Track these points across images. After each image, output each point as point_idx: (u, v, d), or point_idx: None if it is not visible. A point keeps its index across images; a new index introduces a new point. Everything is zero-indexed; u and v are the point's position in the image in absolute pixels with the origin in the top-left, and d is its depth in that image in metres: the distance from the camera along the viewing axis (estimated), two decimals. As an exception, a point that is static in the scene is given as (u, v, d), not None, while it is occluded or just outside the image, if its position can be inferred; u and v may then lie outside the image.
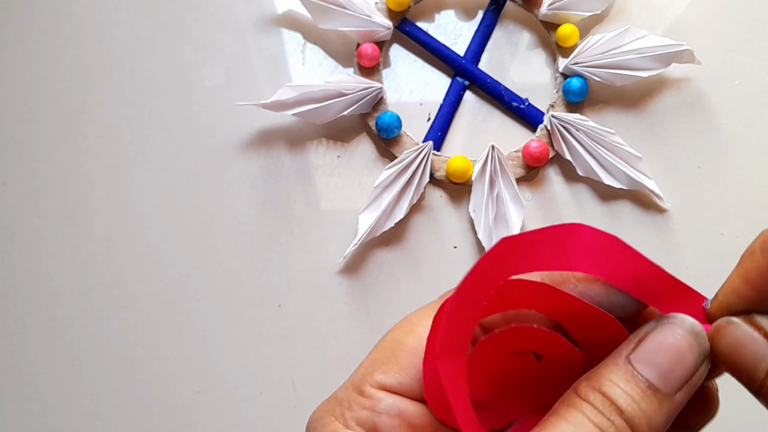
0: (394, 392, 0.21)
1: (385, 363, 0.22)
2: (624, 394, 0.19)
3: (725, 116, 0.43)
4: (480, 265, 0.19)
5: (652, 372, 0.19)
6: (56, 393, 0.41)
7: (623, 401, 0.19)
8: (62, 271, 0.42)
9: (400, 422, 0.21)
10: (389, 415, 0.21)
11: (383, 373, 0.21)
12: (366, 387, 0.21)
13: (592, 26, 0.44)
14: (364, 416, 0.21)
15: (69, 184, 0.43)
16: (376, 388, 0.21)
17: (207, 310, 0.41)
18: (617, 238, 0.20)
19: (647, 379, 0.19)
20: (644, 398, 0.19)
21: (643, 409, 0.19)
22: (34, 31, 0.44)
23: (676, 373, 0.19)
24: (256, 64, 0.43)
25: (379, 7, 0.43)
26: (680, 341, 0.20)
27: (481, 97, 0.43)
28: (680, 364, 0.19)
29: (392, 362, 0.21)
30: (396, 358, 0.21)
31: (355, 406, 0.21)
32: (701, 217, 0.42)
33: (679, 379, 0.19)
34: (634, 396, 0.19)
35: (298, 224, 0.42)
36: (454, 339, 0.19)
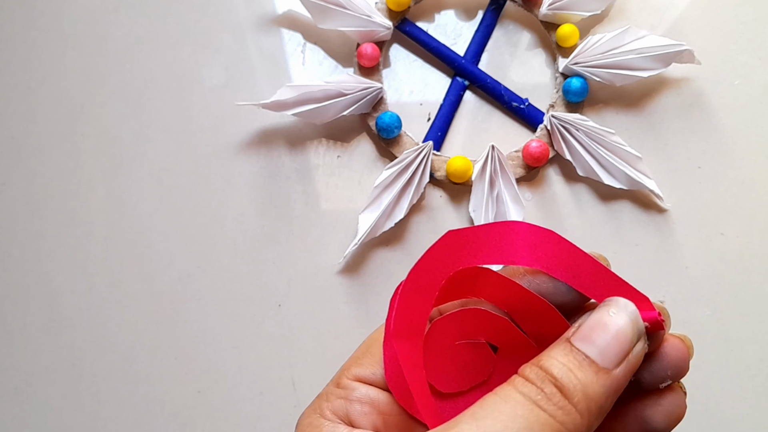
0: (368, 383, 0.23)
1: (361, 357, 0.24)
2: (560, 364, 0.20)
3: (725, 116, 0.43)
4: (428, 254, 0.21)
5: (589, 347, 0.20)
6: (56, 393, 0.41)
7: (558, 370, 0.19)
8: (62, 271, 0.42)
9: (370, 409, 0.22)
10: (361, 402, 0.22)
11: (358, 366, 0.23)
12: (342, 379, 0.23)
13: (592, 26, 0.44)
14: (338, 405, 0.23)
15: (69, 184, 0.43)
16: (351, 380, 0.23)
17: (207, 310, 0.41)
18: (553, 233, 0.22)
19: (585, 353, 0.20)
20: (580, 368, 0.20)
21: (579, 378, 0.19)
22: (34, 31, 0.44)
23: (613, 348, 0.20)
24: (256, 64, 0.43)
25: (379, 7, 0.43)
26: (615, 318, 0.20)
27: (481, 97, 0.43)
28: (616, 340, 0.20)
29: (367, 356, 0.24)
30: (370, 352, 0.24)
31: (331, 396, 0.23)
32: (701, 217, 0.42)
33: (616, 354, 0.20)
34: (570, 366, 0.20)
35: (298, 224, 0.42)
36: (409, 321, 0.21)
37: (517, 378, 0.20)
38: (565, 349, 0.20)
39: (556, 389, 0.19)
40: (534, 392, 0.19)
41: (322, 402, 0.23)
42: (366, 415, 0.22)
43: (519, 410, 0.19)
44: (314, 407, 0.23)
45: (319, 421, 0.22)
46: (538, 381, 0.19)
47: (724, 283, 0.41)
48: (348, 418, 0.22)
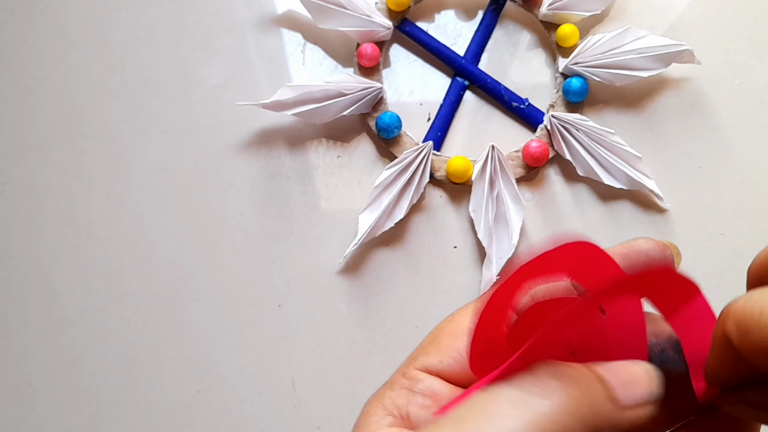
0: (434, 372, 0.23)
1: (427, 347, 0.23)
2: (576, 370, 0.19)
3: (725, 116, 0.43)
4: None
5: (608, 374, 0.20)
6: (56, 393, 0.41)
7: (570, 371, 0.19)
8: (62, 271, 0.42)
9: (432, 403, 0.22)
10: (423, 395, 0.22)
11: (425, 355, 0.23)
12: (409, 369, 0.23)
13: (592, 26, 0.44)
14: (401, 395, 0.23)
15: (69, 184, 0.43)
16: (418, 369, 0.23)
17: (207, 310, 0.41)
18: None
19: (602, 376, 0.19)
20: (593, 382, 0.19)
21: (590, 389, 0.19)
22: (34, 31, 0.44)
23: (630, 388, 0.19)
24: (256, 64, 0.43)
25: (379, 7, 0.43)
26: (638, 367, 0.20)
27: (481, 97, 0.43)
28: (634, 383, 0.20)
29: (433, 345, 0.23)
30: (437, 341, 0.23)
31: (395, 385, 0.23)
32: (701, 217, 0.42)
33: (633, 395, 0.19)
34: (585, 377, 0.19)
35: (298, 224, 0.42)
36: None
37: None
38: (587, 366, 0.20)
39: (556, 383, 0.19)
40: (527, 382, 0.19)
41: (386, 390, 0.23)
42: (427, 408, 0.22)
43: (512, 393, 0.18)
44: (378, 396, 0.23)
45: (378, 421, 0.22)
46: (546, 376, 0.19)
47: (724, 283, 0.41)
48: (407, 410, 0.22)
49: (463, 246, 0.42)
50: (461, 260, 0.42)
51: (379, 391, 0.23)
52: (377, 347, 0.41)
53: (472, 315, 0.23)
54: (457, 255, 0.42)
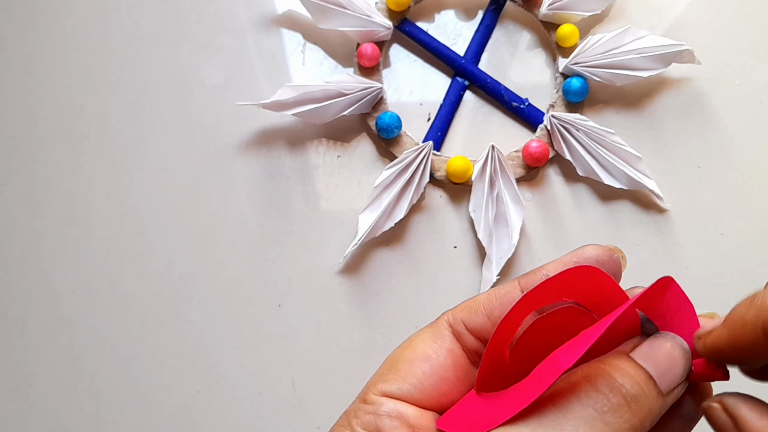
0: (394, 398, 0.23)
1: (386, 374, 0.24)
2: (629, 375, 0.20)
3: (725, 116, 0.43)
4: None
5: (653, 368, 0.20)
6: (56, 393, 0.41)
7: (628, 381, 0.20)
8: (62, 271, 0.42)
9: (400, 423, 0.22)
10: (390, 416, 0.22)
11: (384, 382, 0.23)
12: (369, 395, 0.23)
13: (592, 26, 0.44)
14: (368, 420, 0.23)
15: (69, 184, 0.43)
16: (378, 395, 0.23)
17: (207, 310, 0.41)
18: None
19: (648, 371, 0.20)
20: (647, 384, 0.20)
21: (646, 394, 0.20)
22: (34, 31, 0.44)
23: (669, 375, 0.20)
24: (256, 64, 0.43)
25: (379, 7, 0.43)
26: (675, 349, 0.21)
27: (481, 97, 0.43)
28: (673, 369, 0.20)
29: (392, 372, 0.24)
30: (395, 368, 0.24)
31: (359, 413, 0.23)
32: (701, 217, 0.42)
33: (672, 381, 0.20)
34: (639, 380, 0.20)
35: (298, 224, 0.42)
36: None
37: (580, 383, 0.20)
38: (630, 362, 0.20)
39: (624, 401, 0.19)
40: (601, 403, 0.19)
41: (350, 419, 0.23)
42: (396, 429, 0.22)
43: (582, 428, 0.19)
44: (342, 424, 0.23)
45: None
46: (605, 389, 0.19)
47: (724, 283, 0.41)
48: (377, 430, 0.23)
49: (463, 246, 0.42)
50: (461, 260, 0.42)
51: (341, 421, 0.23)
52: (377, 347, 0.41)
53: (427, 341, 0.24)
54: (457, 255, 0.42)
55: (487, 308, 0.24)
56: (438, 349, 0.24)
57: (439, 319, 0.25)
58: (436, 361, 0.23)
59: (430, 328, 0.24)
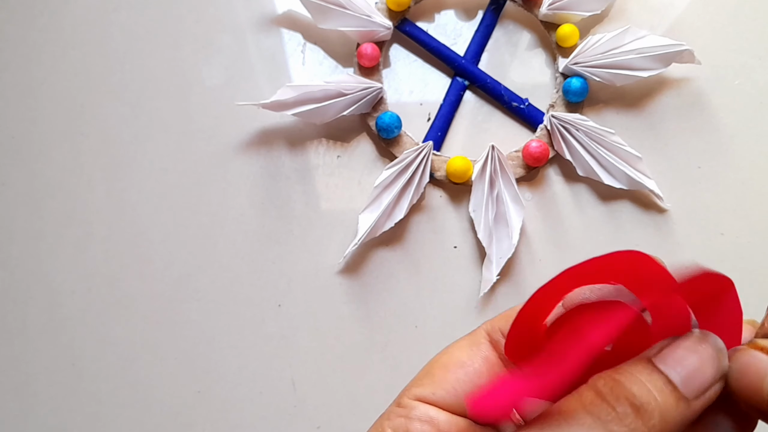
0: (428, 402, 0.23)
1: (422, 379, 0.24)
2: (640, 382, 0.19)
3: (725, 116, 0.43)
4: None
5: (674, 372, 0.19)
6: (56, 393, 0.41)
7: (637, 388, 0.19)
8: (62, 271, 0.42)
9: (430, 427, 0.23)
10: (420, 420, 0.23)
11: (419, 386, 0.24)
12: (403, 399, 0.24)
13: (592, 26, 0.44)
14: (398, 423, 0.23)
15: (69, 184, 0.43)
16: (412, 399, 0.24)
17: (207, 310, 0.41)
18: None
19: (668, 376, 0.19)
20: (663, 391, 0.19)
21: (659, 401, 0.19)
22: (34, 31, 0.44)
23: (697, 379, 0.19)
24: (256, 64, 0.43)
25: (379, 7, 0.43)
26: (704, 351, 0.20)
27: (481, 97, 0.43)
28: (701, 372, 0.19)
29: (427, 377, 0.24)
30: (430, 373, 0.24)
31: (392, 415, 0.24)
32: (701, 217, 0.42)
33: (699, 386, 0.19)
34: (652, 386, 0.19)
35: (298, 224, 0.42)
36: None
37: (587, 392, 0.19)
38: (648, 368, 0.19)
39: (630, 409, 0.18)
40: (605, 412, 0.19)
41: (383, 421, 0.24)
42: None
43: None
44: (376, 427, 0.24)
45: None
46: (611, 397, 0.19)
47: (724, 283, 0.41)
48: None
49: (463, 246, 0.42)
50: (461, 260, 0.42)
51: (376, 423, 0.24)
52: (377, 347, 0.41)
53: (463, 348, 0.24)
54: (457, 255, 0.42)
55: None
56: (473, 356, 0.24)
57: (478, 329, 0.25)
58: (470, 368, 0.24)
59: (468, 336, 0.25)
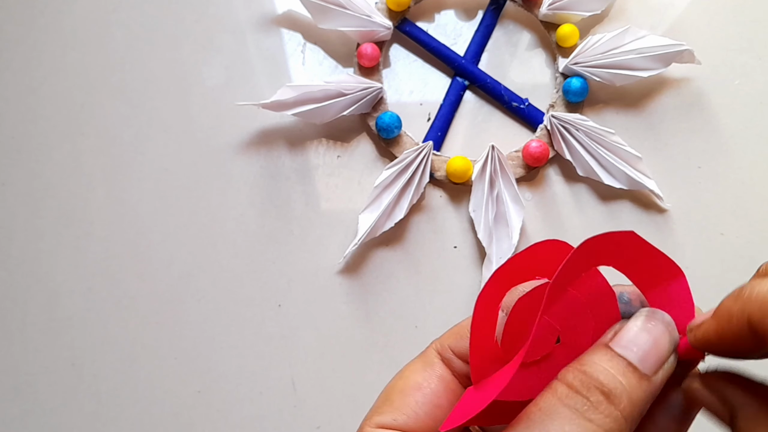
0: (390, 428, 0.24)
1: (381, 406, 0.24)
2: (604, 369, 0.20)
3: (725, 116, 0.43)
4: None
5: (631, 353, 0.20)
6: (56, 393, 0.41)
7: (604, 376, 0.20)
8: (62, 271, 0.42)
9: None
10: None
11: (379, 414, 0.24)
12: (366, 429, 0.24)
13: (592, 26, 0.44)
14: None
15: (69, 184, 0.43)
16: (374, 428, 0.24)
17: (207, 310, 0.41)
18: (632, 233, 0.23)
19: (627, 358, 0.20)
20: (625, 374, 0.20)
21: (624, 384, 0.20)
22: (34, 31, 0.44)
23: (653, 354, 0.20)
24: (256, 64, 0.43)
25: (379, 7, 0.43)
26: (655, 327, 0.21)
27: (481, 97, 0.43)
28: (656, 347, 0.21)
29: (386, 404, 0.24)
30: (389, 400, 0.24)
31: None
32: (701, 217, 0.42)
33: (656, 360, 0.20)
34: (615, 372, 0.20)
35: (298, 224, 0.42)
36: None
37: (560, 387, 0.20)
38: (607, 354, 0.20)
39: (602, 397, 0.19)
40: (580, 403, 0.19)
41: None
42: None
43: (567, 427, 0.19)
44: None
45: None
46: (583, 389, 0.20)
47: (724, 283, 0.41)
48: None
49: (463, 246, 0.42)
50: (461, 260, 0.42)
51: None
52: (377, 347, 0.41)
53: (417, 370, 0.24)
54: (457, 255, 0.42)
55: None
56: (428, 377, 0.24)
57: (428, 348, 0.25)
58: (427, 389, 0.24)
59: (420, 357, 0.25)
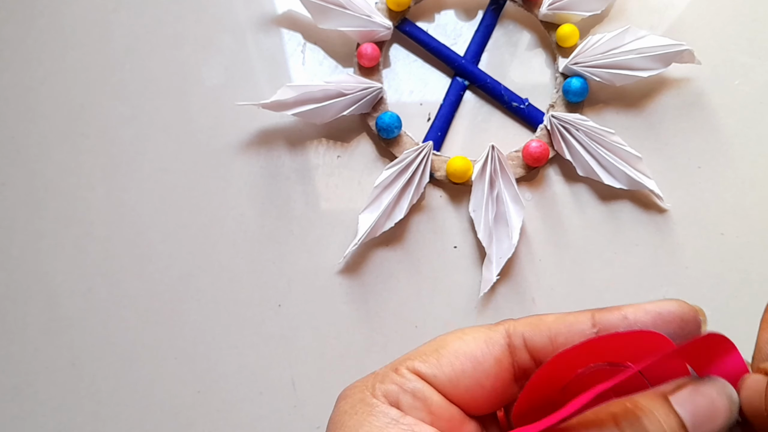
0: (426, 381, 0.22)
1: (427, 355, 0.23)
2: (658, 423, 0.19)
3: (725, 116, 0.43)
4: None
5: (687, 414, 0.19)
6: (56, 393, 0.41)
7: (654, 429, 0.19)
8: (62, 271, 0.42)
9: (422, 406, 0.22)
10: (414, 396, 0.22)
11: (422, 361, 0.23)
12: (402, 368, 0.23)
13: (592, 26, 0.44)
14: (391, 389, 0.22)
15: (69, 184, 0.43)
16: (410, 371, 0.23)
17: (207, 310, 0.41)
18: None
19: (682, 418, 0.19)
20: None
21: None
22: (34, 31, 0.44)
23: (707, 426, 0.19)
24: (256, 64, 0.43)
25: (379, 7, 0.43)
26: (718, 398, 0.20)
27: (481, 97, 0.43)
28: (711, 419, 0.19)
29: (433, 356, 0.23)
30: (438, 353, 0.23)
31: (386, 379, 0.22)
32: (701, 217, 0.42)
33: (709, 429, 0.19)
34: (668, 428, 0.19)
35: (298, 224, 0.42)
36: None
37: (608, 425, 0.19)
38: (664, 407, 0.19)
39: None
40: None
41: (375, 381, 0.23)
42: (416, 410, 0.22)
43: None
44: (366, 384, 0.23)
45: (371, 400, 0.22)
46: (627, 428, 0.19)
47: (724, 283, 0.41)
48: (398, 406, 0.22)
49: (463, 246, 0.42)
50: (461, 260, 0.42)
51: (365, 381, 0.23)
52: (377, 347, 0.41)
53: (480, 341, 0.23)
54: (457, 255, 0.42)
55: (552, 330, 0.23)
56: (487, 353, 0.23)
57: (499, 325, 0.24)
58: (480, 366, 0.23)
59: (487, 329, 0.24)
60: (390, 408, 0.22)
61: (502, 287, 0.41)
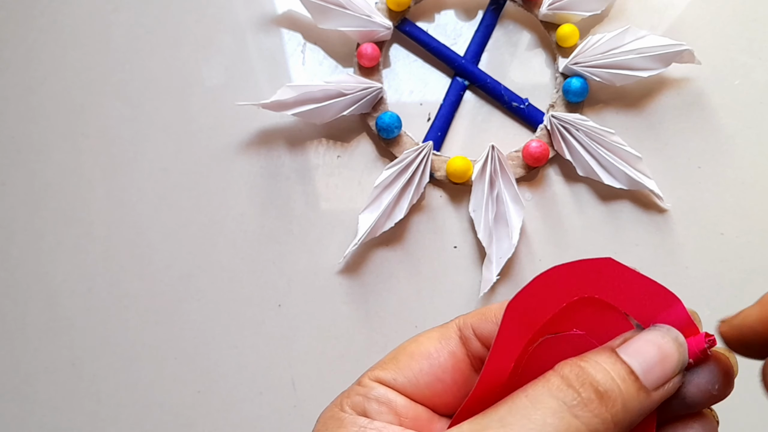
0: (388, 386, 0.24)
1: (386, 362, 0.24)
2: (604, 370, 0.20)
3: (725, 116, 0.43)
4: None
5: (636, 362, 0.20)
6: (56, 393, 0.41)
7: (602, 376, 0.19)
8: (62, 271, 0.42)
9: (387, 409, 0.23)
10: (378, 402, 0.23)
11: (381, 369, 0.24)
12: (364, 379, 0.24)
13: (592, 26, 0.44)
14: (357, 401, 0.23)
15: (69, 184, 0.43)
16: (372, 380, 0.24)
17: (207, 310, 0.41)
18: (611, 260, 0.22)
19: (630, 366, 0.20)
20: (625, 380, 0.20)
21: (621, 389, 0.19)
22: (34, 31, 0.44)
23: (658, 370, 0.20)
24: (256, 64, 0.43)
25: (379, 7, 0.43)
26: (667, 343, 0.20)
27: (481, 97, 0.43)
28: (662, 364, 0.20)
29: (392, 362, 0.24)
30: (396, 359, 0.24)
31: (351, 393, 0.24)
32: (701, 217, 0.42)
33: (660, 376, 0.20)
34: (615, 375, 0.20)
35: (298, 224, 0.42)
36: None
37: (553, 377, 0.20)
38: (611, 357, 0.20)
39: (594, 396, 0.19)
40: (570, 397, 0.19)
41: (342, 398, 0.24)
42: (382, 414, 0.23)
43: (549, 419, 0.19)
44: (335, 403, 0.24)
45: (339, 414, 0.23)
46: (576, 383, 0.19)
47: (724, 283, 0.41)
48: (365, 414, 0.23)
49: (463, 246, 0.42)
50: (461, 260, 0.42)
51: (335, 401, 0.24)
52: (377, 347, 0.41)
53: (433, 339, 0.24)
54: (457, 255, 0.42)
55: (498, 316, 0.24)
56: (441, 349, 0.24)
57: (450, 322, 0.25)
58: (436, 361, 0.24)
59: (439, 328, 0.25)
60: (358, 417, 0.23)
61: (502, 287, 0.41)
